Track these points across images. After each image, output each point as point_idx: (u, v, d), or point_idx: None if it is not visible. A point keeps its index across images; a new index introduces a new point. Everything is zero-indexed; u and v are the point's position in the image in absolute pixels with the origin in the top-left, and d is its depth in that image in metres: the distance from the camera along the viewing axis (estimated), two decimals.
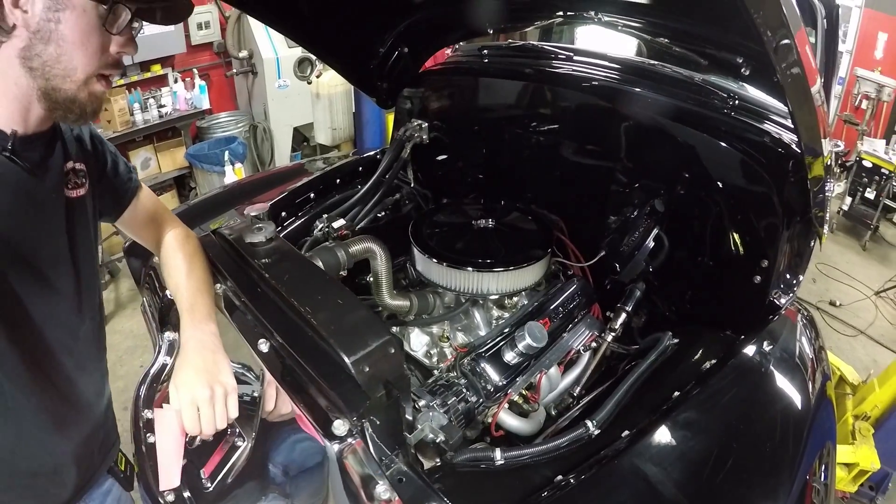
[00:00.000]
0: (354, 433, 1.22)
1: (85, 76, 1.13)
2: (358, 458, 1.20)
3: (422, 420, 1.45)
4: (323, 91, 6.04)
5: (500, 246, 2.21)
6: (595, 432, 1.45)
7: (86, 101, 1.16)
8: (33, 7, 1.04)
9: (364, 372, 1.22)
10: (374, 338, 1.27)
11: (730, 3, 1.04)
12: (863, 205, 6.75)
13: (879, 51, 8.01)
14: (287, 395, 1.35)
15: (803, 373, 1.74)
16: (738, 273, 1.93)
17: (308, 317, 1.33)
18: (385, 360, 1.27)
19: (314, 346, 1.34)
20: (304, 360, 1.32)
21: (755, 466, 1.40)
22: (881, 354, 4.92)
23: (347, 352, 1.23)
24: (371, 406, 1.23)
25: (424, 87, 2.79)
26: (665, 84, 2.24)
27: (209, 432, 1.30)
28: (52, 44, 1.08)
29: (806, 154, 1.53)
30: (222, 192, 2.96)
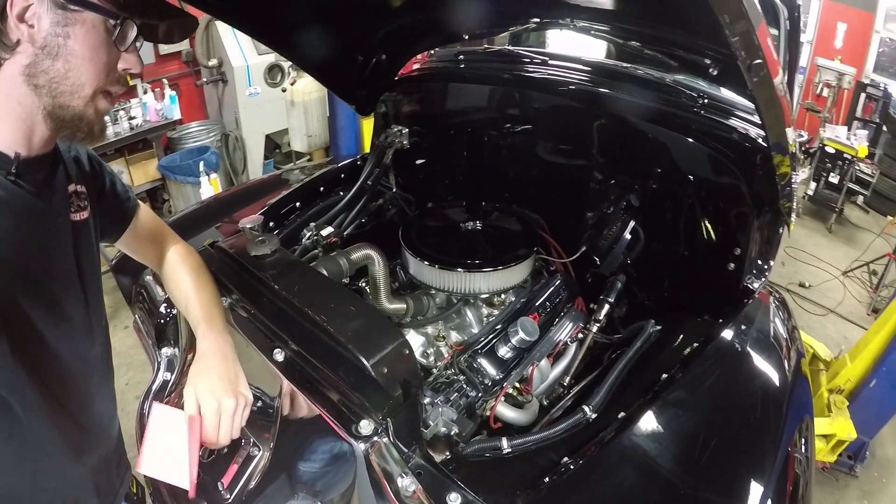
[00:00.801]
0: (379, 431, 1.29)
1: (93, 92, 1.11)
2: (381, 455, 1.28)
3: (433, 416, 1.53)
4: (298, 98, 5.99)
5: (488, 247, 2.28)
6: (592, 416, 1.55)
7: (93, 118, 1.14)
8: (40, 22, 1.01)
9: (383, 373, 1.31)
10: (389, 340, 1.37)
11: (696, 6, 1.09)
12: (827, 189, 6.93)
13: (839, 40, 8.21)
14: (308, 399, 1.40)
15: (779, 352, 1.85)
16: (712, 261, 2.04)
17: (324, 324, 1.40)
18: (400, 360, 1.36)
19: (331, 351, 1.41)
20: (324, 366, 1.39)
21: (741, 440, 1.50)
22: (851, 331, 5.09)
23: (366, 355, 1.31)
24: (393, 405, 1.32)
25: (403, 93, 2.83)
26: (637, 85, 2.33)
27: (225, 442, 1.32)
28: (60, 59, 1.05)
29: (773, 151, 1.62)
30: (200, 208, 2.97)
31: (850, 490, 3.58)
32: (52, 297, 1.19)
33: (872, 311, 5.39)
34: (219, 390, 1.31)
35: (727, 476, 1.42)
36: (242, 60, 5.98)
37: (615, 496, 1.35)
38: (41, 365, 1.17)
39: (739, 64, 1.22)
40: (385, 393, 1.34)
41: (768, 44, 1.20)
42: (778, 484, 1.39)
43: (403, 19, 2.31)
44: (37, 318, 1.14)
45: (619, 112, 2.23)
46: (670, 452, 1.42)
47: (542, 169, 2.60)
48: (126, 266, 2.38)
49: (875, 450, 3.80)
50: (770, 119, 1.48)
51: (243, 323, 1.63)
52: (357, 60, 2.52)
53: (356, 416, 1.32)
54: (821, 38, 8.38)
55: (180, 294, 1.55)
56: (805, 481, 1.51)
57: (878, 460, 3.80)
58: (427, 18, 2.35)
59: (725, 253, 2.00)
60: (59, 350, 1.21)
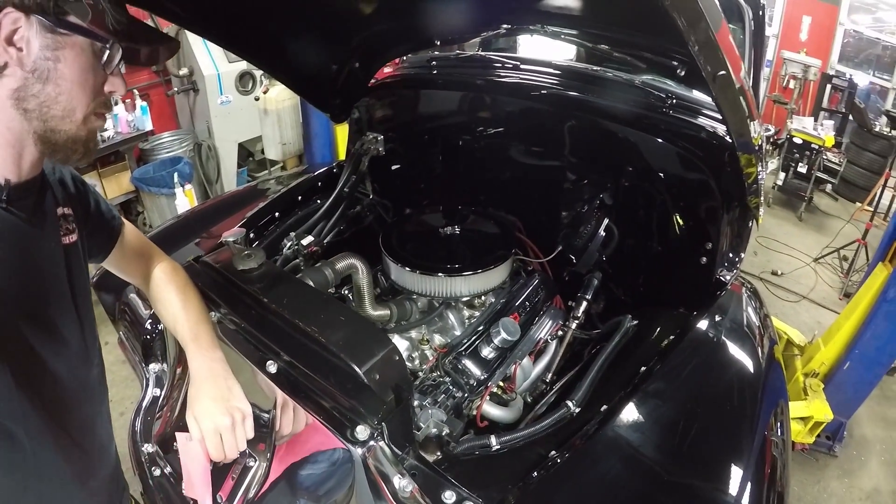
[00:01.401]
0: (375, 436, 1.34)
1: (83, 115, 1.10)
2: (377, 458, 1.32)
3: (424, 418, 1.57)
4: (271, 107, 5.96)
5: (467, 250, 2.32)
6: (576, 411, 1.60)
7: (87, 138, 1.13)
8: (29, 45, 1.01)
9: (375, 379, 1.35)
10: (379, 347, 1.41)
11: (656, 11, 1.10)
12: (796, 179, 7.13)
13: (804, 33, 8.43)
14: (304, 408, 1.43)
15: (752, 340, 1.92)
16: (685, 256, 2.10)
17: (316, 335, 1.44)
18: (391, 366, 1.40)
19: (323, 361, 1.45)
20: (318, 375, 1.43)
21: (720, 427, 1.57)
22: (823, 316, 5.23)
23: (358, 363, 1.35)
24: (387, 409, 1.37)
25: (376, 100, 2.84)
26: (607, 88, 2.38)
27: (232, 457, 1.34)
28: (50, 83, 1.04)
29: (739, 151, 1.67)
30: (177, 223, 2.91)
31: (830, 469, 3.68)
32: (51, 323, 1.20)
33: (844, 295, 5.52)
34: (213, 411, 1.32)
35: (708, 461, 1.47)
36: (213, 69, 5.90)
37: (602, 486, 1.40)
38: (43, 391, 1.17)
39: (704, 75, 1.27)
40: (378, 398, 1.38)
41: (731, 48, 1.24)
42: (756, 466, 1.44)
43: (376, 27, 2.31)
44: (36, 344, 1.14)
45: (589, 115, 2.28)
46: (652, 442, 1.48)
47: (516, 171, 2.65)
48: (108, 283, 2.36)
49: (853, 429, 3.92)
50: (734, 122, 1.52)
51: (233, 337, 1.64)
52: (331, 69, 2.52)
53: (351, 422, 1.35)
54: (786, 32, 8.61)
55: (168, 313, 1.54)
56: (782, 463, 1.56)
57: (856, 439, 3.91)
58: (399, 26, 2.35)
59: (697, 248, 2.06)
60: (60, 375, 1.22)
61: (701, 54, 1.19)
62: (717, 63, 1.24)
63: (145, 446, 1.81)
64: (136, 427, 1.87)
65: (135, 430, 1.86)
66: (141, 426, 1.87)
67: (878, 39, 8.53)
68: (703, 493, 1.42)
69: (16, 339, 1.09)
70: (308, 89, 2.60)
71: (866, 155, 7.32)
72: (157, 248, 1.66)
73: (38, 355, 1.15)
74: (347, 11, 2.12)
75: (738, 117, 1.50)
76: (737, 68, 1.30)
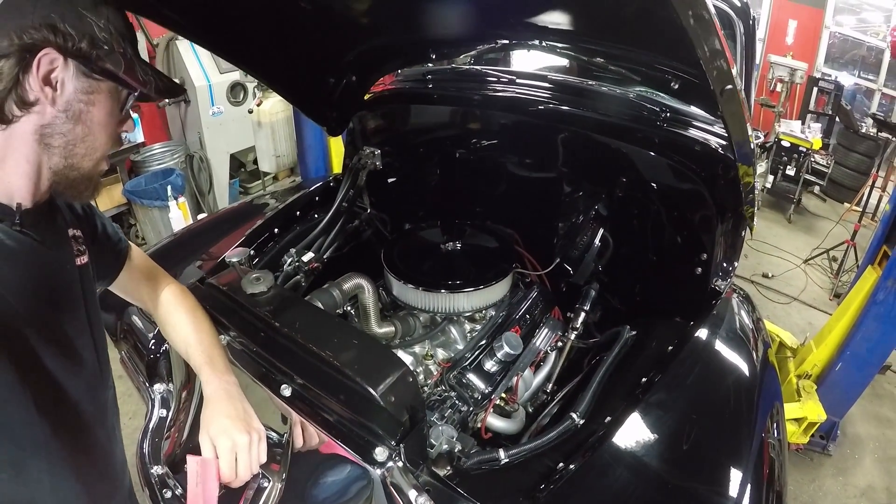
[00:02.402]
0: (393, 457, 1.37)
1: (103, 155, 1.16)
2: (395, 478, 1.35)
3: (436, 435, 1.58)
4: (265, 119, 5.95)
5: (469, 266, 2.35)
6: (580, 422, 1.64)
7: (96, 178, 1.19)
8: (64, 86, 1.05)
9: (391, 401, 1.39)
10: (393, 369, 1.44)
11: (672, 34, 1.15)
12: (784, 181, 7.20)
13: (790, 37, 8.49)
14: (320, 431, 1.45)
15: (747, 345, 1.96)
16: (680, 266, 2.14)
17: (330, 358, 1.47)
18: (405, 387, 1.44)
19: (338, 383, 1.47)
20: (333, 398, 1.45)
21: (720, 432, 1.61)
22: (815, 316, 5.27)
23: (374, 385, 1.39)
24: (404, 430, 1.40)
25: (373, 114, 2.85)
26: (601, 101, 2.42)
27: (246, 478, 1.33)
28: (80, 124, 1.09)
29: (739, 162, 1.70)
30: (174, 241, 2.89)
31: (825, 468, 3.73)
32: (69, 345, 1.21)
33: (834, 296, 5.58)
34: (231, 429, 1.32)
35: (709, 466, 1.52)
36: (204, 80, 5.86)
37: (610, 495, 1.43)
38: (63, 415, 1.19)
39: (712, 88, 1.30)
40: (395, 419, 1.41)
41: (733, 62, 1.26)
42: (755, 468, 1.49)
43: (372, 41, 2.33)
44: (55, 368, 1.16)
45: (583, 128, 2.30)
46: (656, 450, 1.51)
47: (512, 184, 2.68)
48: (109, 302, 2.27)
49: (846, 428, 3.98)
50: (737, 134, 1.56)
51: (244, 360, 1.65)
52: (328, 82, 2.53)
53: (370, 443, 1.38)
54: (772, 36, 8.69)
55: (179, 337, 1.54)
56: (780, 463, 1.60)
57: (850, 438, 3.97)
58: (395, 40, 2.37)
59: (692, 258, 2.10)
60: (79, 397, 1.23)
61: (712, 69, 1.22)
62: (724, 78, 1.27)
63: (155, 468, 1.81)
64: (144, 449, 1.87)
65: (143, 451, 1.86)
66: (149, 448, 1.87)
67: (862, 40, 8.62)
68: (707, 497, 1.46)
69: (34, 362, 1.11)
70: (305, 102, 2.59)
71: (853, 156, 7.39)
72: (163, 270, 1.66)
73: (57, 379, 1.16)
74: (345, 25, 2.14)
75: (740, 129, 1.53)
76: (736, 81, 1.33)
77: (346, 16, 2.07)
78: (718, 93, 1.30)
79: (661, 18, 1.22)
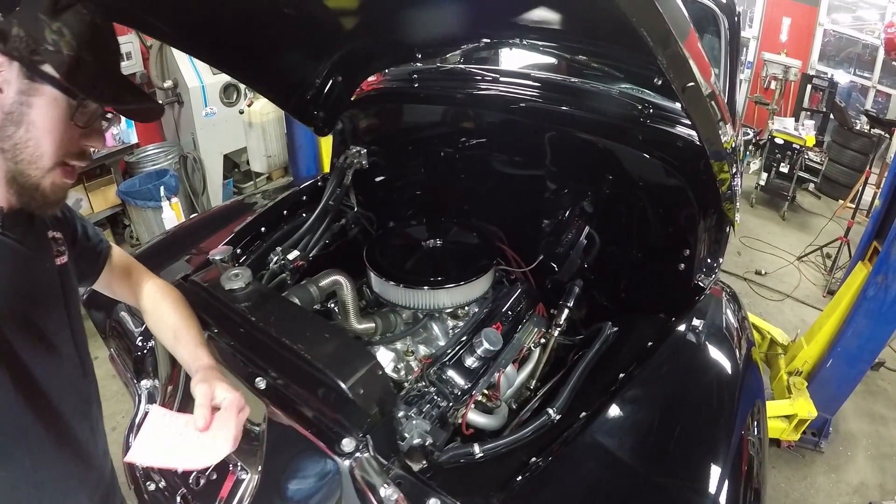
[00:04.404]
0: (360, 448, 1.38)
1: (51, 164, 1.11)
2: (364, 469, 1.37)
3: (408, 428, 1.61)
4: (255, 119, 5.94)
5: (450, 263, 2.36)
6: (556, 418, 1.64)
7: (48, 190, 1.14)
8: (8, 88, 1.04)
9: (360, 394, 1.41)
10: (363, 363, 1.46)
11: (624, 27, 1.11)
12: (778, 178, 7.17)
13: (784, 34, 8.48)
14: (292, 422, 1.47)
15: (731, 343, 1.97)
16: (664, 262, 2.15)
17: (302, 352, 1.48)
18: (375, 380, 1.46)
19: (309, 377, 1.49)
20: (305, 391, 1.47)
21: (697, 428, 1.61)
22: (808, 313, 5.26)
23: (343, 378, 1.41)
24: (372, 422, 1.41)
25: (360, 113, 2.86)
26: (585, 99, 2.41)
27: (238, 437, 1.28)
28: (22, 127, 1.06)
29: (711, 158, 1.70)
30: (166, 238, 2.93)
31: (817, 465, 3.71)
32: (49, 342, 1.24)
33: (828, 292, 5.56)
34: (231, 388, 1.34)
35: (686, 462, 1.52)
36: (197, 81, 5.87)
37: (582, 488, 1.44)
38: (44, 405, 1.22)
39: (673, 87, 1.30)
40: (363, 412, 1.42)
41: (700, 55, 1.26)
42: (733, 465, 1.49)
43: (358, 41, 2.33)
44: (37, 363, 1.19)
45: (568, 126, 2.30)
46: (631, 445, 1.53)
47: (498, 182, 2.68)
48: (98, 300, 2.31)
49: (838, 425, 3.96)
50: (705, 131, 1.56)
51: (224, 354, 1.67)
52: (313, 83, 2.54)
53: (338, 435, 1.40)
54: (766, 33, 8.68)
55: (167, 325, 1.56)
56: (759, 461, 1.61)
57: (842, 435, 3.96)
58: (381, 40, 2.37)
59: (675, 254, 2.11)
60: (60, 389, 1.26)
61: (670, 68, 1.23)
62: (685, 75, 1.27)
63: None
64: (130, 443, 1.90)
65: (129, 445, 1.89)
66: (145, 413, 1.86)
67: (857, 38, 8.59)
68: (682, 492, 1.47)
69: (16, 358, 1.14)
70: (291, 103, 2.60)
71: (848, 153, 7.38)
72: (144, 267, 1.69)
73: (37, 371, 1.19)
74: (330, 26, 2.15)
75: (708, 126, 1.53)
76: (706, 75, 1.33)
77: (329, 19, 2.08)
78: (680, 90, 1.31)
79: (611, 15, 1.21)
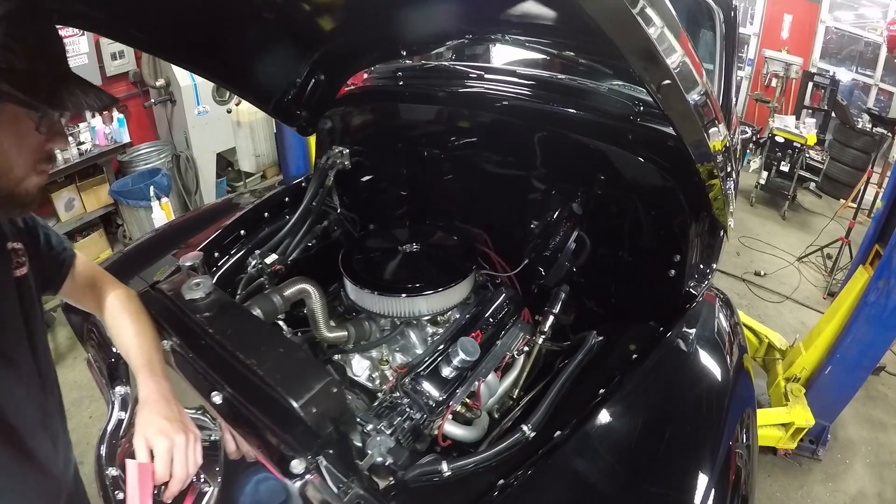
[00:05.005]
0: (311, 469, 1.30)
1: (23, 175, 1.12)
2: (317, 490, 1.29)
3: (371, 445, 1.54)
4: (244, 119, 5.94)
5: (428, 268, 2.30)
6: (531, 435, 1.56)
7: (24, 195, 1.14)
8: None
9: (312, 413, 1.33)
10: (316, 380, 1.37)
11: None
12: (779, 177, 7.13)
13: (785, 31, 8.46)
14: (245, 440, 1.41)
15: (721, 351, 1.88)
16: (654, 268, 2.07)
17: (255, 368, 1.41)
18: (329, 399, 1.37)
19: (262, 394, 1.42)
20: (257, 409, 1.40)
21: (681, 444, 1.53)
22: (807, 316, 5.19)
23: (295, 397, 1.33)
24: (323, 442, 1.33)
25: (343, 112, 2.79)
26: (574, 96, 2.33)
27: (182, 479, 1.30)
28: None
29: (696, 161, 1.62)
30: (154, 236, 2.91)
31: (814, 474, 3.64)
32: (7, 357, 1.23)
33: (828, 294, 5.50)
34: (168, 429, 1.31)
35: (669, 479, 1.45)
36: (190, 79, 5.87)
37: None
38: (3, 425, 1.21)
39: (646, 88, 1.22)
40: (314, 432, 1.35)
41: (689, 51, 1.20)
42: (720, 477, 1.42)
43: (339, 40, 2.28)
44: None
45: (557, 126, 2.23)
46: (611, 464, 1.45)
47: (484, 183, 2.61)
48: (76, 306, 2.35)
49: (837, 432, 3.89)
50: (687, 132, 1.48)
51: (183, 365, 1.62)
52: (294, 82, 2.49)
53: (288, 456, 1.33)
54: (767, 30, 8.66)
55: (121, 342, 1.55)
56: (747, 471, 1.54)
57: (841, 442, 3.88)
58: (363, 37, 2.33)
59: (666, 259, 2.02)
60: (17, 403, 1.25)
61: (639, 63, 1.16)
62: (659, 72, 1.19)
63: (109, 469, 1.80)
64: (101, 451, 1.85)
65: (100, 453, 1.84)
66: (106, 450, 1.86)
67: (859, 35, 8.54)
68: None
69: None
70: (271, 103, 2.54)
71: (849, 152, 7.35)
72: (110, 276, 1.67)
73: None
74: (308, 24, 2.10)
75: (690, 127, 1.45)
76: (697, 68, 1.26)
77: (307, 17, 2.04)
78: (655, 89, 1.22)
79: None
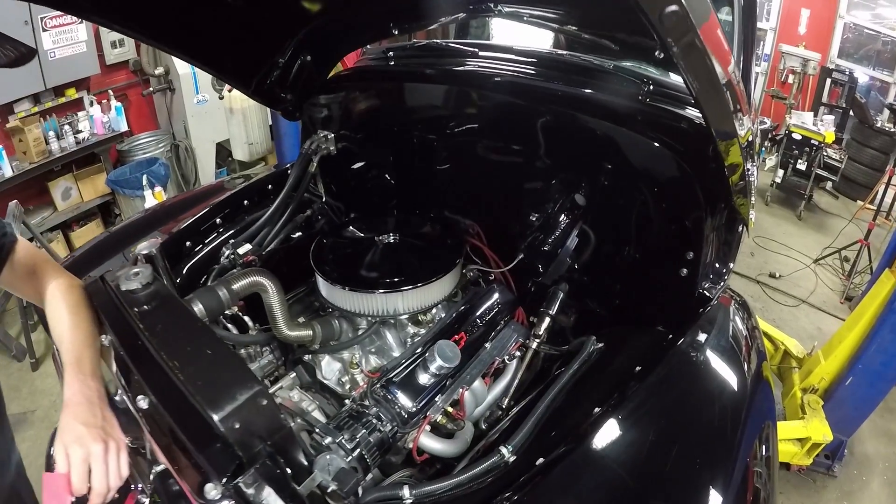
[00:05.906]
0: (227, 495, 1.10)
1: None
2: None
3: (317, 466, 1.35)
4: (236, 105, 5.86)
5: (407, 261, 2.14)
6: (510, 459, 1.37)
7: None
8: None
9: (234, 429, 1.11)
10: (242, 391, 1.16)
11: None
12: (795, 176, 7.02)
13: (803, 26, 8.38)
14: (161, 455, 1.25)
15: (738, 358, 1.71)
16: (664, 266, 1.87)
17: (176, 371, 1.22)
18: (257, 413, 1.16)
19: (184, 402, 1.22)
20: (176, 420, 1.21)
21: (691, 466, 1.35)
22: (824, 321, 5.05)
23: (214, 409, 1.12)
24: (245, 464, 1.13)
25: (332, 95, 2.66)
26: (577, 75, 2.16)
27: (102, 491, 1.21)
28: None
29: (717, 137, 1.44)
30: (144, 217, 2.81)
31: (829, 491, 3.49)
32: None
33: (846, 299, 5.37)
34: (85, 437, 1.23)
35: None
36: (189, 68, 5.79)
37: None
38: None
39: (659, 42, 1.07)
40: (233, 453, 1.14)
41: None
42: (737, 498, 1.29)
43: (324, 18, 2.18)
44: None
45: (559, 106, 2.06)
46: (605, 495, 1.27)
47: (478, 170, 2.43)
48: None
49: (854, 447, 3.73)
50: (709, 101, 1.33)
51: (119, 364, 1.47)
52: (278, 63, 2.38)
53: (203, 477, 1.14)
54: (784, 25, 8.60)
55: (55, 334, 1.47)
56: (766, 493, 1.41)
57: (858, 458, 3.72)
58: (350, 16, 2.23)
59: (678, 257, 1.81)
60: None
61: None
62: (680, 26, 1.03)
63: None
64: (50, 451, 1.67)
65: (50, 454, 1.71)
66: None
67: (877, 32, 8.40)
68: None
69: None
70: (252, 85, 2.42)
71: (868, 151, 7.24)
72: (54, 264, 1.62)
73: None
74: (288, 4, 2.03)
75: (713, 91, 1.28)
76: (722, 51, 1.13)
77: None
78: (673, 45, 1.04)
79: None
